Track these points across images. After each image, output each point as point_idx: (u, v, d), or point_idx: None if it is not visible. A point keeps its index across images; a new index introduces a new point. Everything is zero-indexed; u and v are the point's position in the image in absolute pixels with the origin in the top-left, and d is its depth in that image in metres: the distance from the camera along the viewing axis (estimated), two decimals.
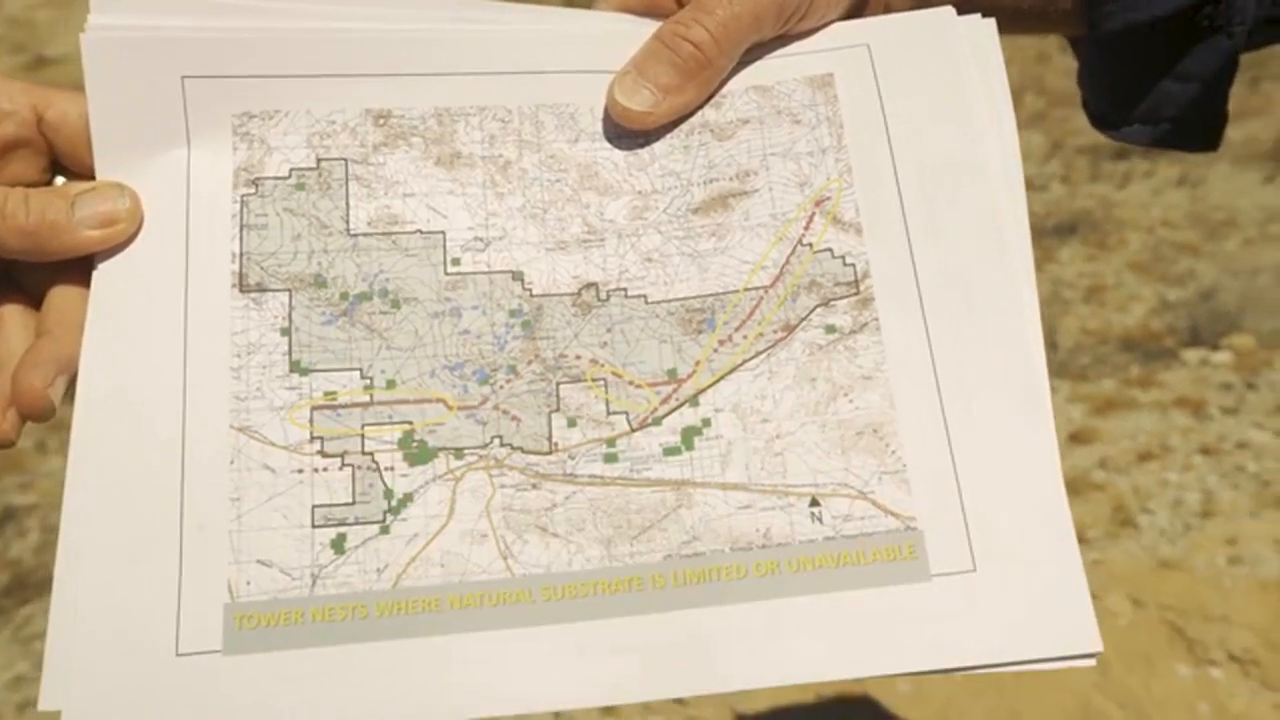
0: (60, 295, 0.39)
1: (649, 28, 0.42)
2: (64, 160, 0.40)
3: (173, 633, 0.35)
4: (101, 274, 0.38)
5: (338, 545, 0.36)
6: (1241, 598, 1.49)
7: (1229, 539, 1.66)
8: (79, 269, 0.39)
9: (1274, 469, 1.83)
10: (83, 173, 0.40)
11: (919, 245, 0.39)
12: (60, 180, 0.40)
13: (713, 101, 0.42)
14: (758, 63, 0.42)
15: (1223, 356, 2.03)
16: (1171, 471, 1.64)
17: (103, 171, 0.39)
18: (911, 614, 0.35)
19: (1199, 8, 0.45)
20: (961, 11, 0.44)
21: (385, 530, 0.36)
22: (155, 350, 0.38)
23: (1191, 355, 1.98)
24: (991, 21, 0.42)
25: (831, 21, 0.43)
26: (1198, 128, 0.49)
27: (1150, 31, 0.46)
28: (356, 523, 0.36)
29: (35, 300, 0.40)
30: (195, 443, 0.37)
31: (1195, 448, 1.68)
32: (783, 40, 0.42)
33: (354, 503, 0.37)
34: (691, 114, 0.41)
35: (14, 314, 0.39)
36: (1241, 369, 1.98)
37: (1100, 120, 0.51)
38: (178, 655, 0.35)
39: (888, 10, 0.46)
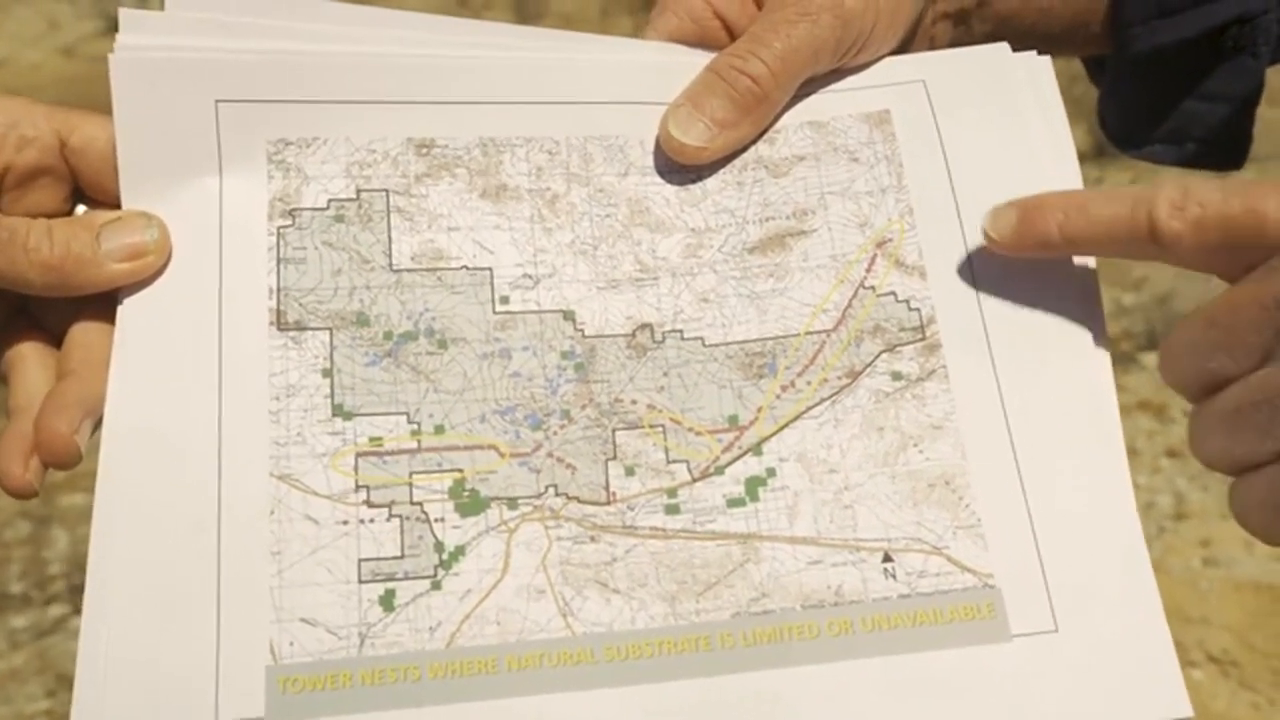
0: (83, 332, 0.36)
1: (700, 58, 0.40)
2: (87, 188, 0.38)
3: (212, 697, 0.33)
4: (128, 310, 0.36)
5: (386, 602, 0.34)
6: (1218, 599, 1.51)
7: (1202, 541, 1.69)
8: (102, 304, 0.36)
9: None
10: (106, 201, 0.38)
11: (985, 290, 0.38)
12: (82, 209, 0.38)
13: (766, 137, 0.40)
14: (812, 97, 0.41)
15: None
16: (1140, 475, 1.66)
17: (129, 200, 0.37)
18: (992, 676, 0.34)
19: (1224, 29, 0.46)
20: (995, 38, 0.43)
21: (437, 586, 0.35)
22: (188, 392, 0.35)
23: (1150, 359, 2.01)
24: (1047, 59, 0.41)
25: (884, 55, 0.42)
26: (1223, 147, 0.50)
27: (1175, 53, 0.46)
28: (406, 578, 0.35)
29: (54, 338, 0.37)
30: (232, 491, 0.35)
31: (1161, 450, 1.70)
32: (837, 74, 0.41)
33: (403, 556, 0.35)
34: (745, 149, 0.40)
35: (33, 353, 0.37)
36: None
37: (1122, 140, 0.51)
38: None
39: (932, 44, 0.45)
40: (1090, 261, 0.38)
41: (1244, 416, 0.32)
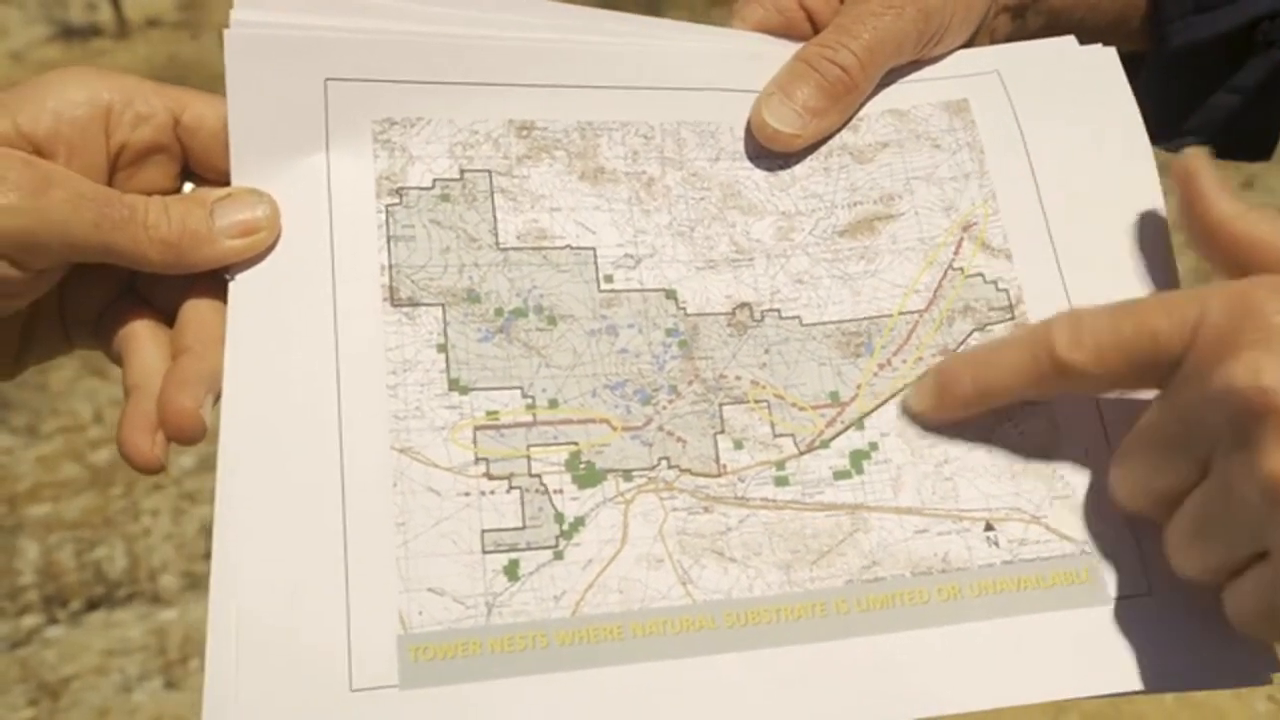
0: (195, 310, 0.36)
1: (786, 48, 0.42)
2: (196, 166, 0.38)
3: (345, 667, 0.33)
4: (240, 286, 0.36)
5: (511, 571, 0.35)
6: None
7: None
8: (212, 281, 0.37)
9: None
10: (215, 179, 0.38)
11: (1069, 271, 0.39)
12: (189, 187, 0.38)
13: (850, 125, 0.42)
14: (892, 87, 0.42)
15: None
16: None
17: (239, 177, 0.37)
18: (1093, 637, 0.35)
19: (1256, 24, 0.48)
20: (1048, 30, 0.45)
21: (559, 555, 0.35)
22: (306, 367, 0.36)
23: None
24: (1112, 50, 0.43)
25: (958, 48, 0.43)
26: (1250, 138, 0.52)
27: (1208, 47, 0.48)
28: (529, 548, 0.35)
29: (164, 316, 0.37)
30: (354, 465, 0.35)
31: None
32: (915, 65, 0.43)
33: (524, 527, 0.35)
34: (830, 137, 0.42)
35: (146, 331, 0.37)
36: None
37: (1154, 132, 0.54)
38: (352, 690, 0.33)
39: (993, 36, 0.47)
40: (1165, 235, 0.40)
41: (1206, 529, 0.32)
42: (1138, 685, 0.35)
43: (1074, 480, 0.37)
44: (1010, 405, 0.37)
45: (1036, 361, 0.35)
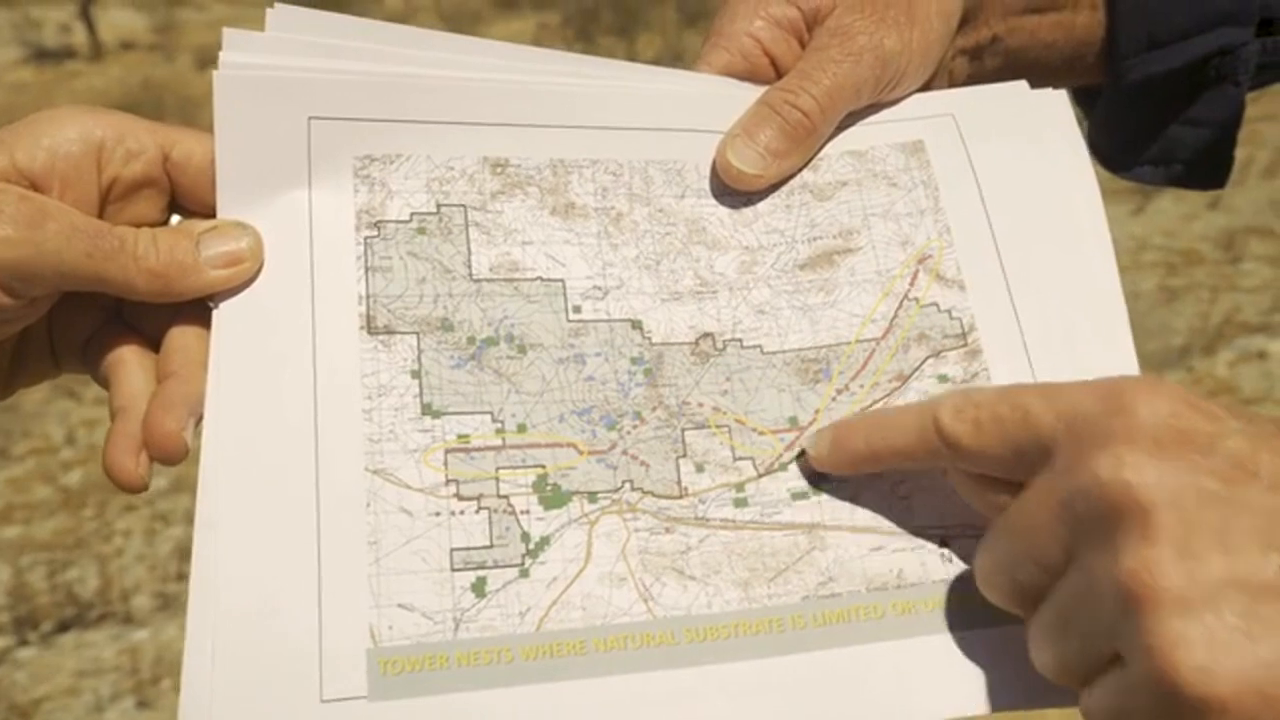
0: (180, 336, 0.38)
1: (750, 91, 0.44)
2: (184, 199, 0.39)
3: (316, 679, 0.35)
4: (223, 314, 0.38)
5: (478, 588, 0.36)
6: None
7: None
8: (196, 309, 0.38)
9: None
10: (201, 211, 0.39)
11: (1020, 300, 0.42)
12: (176, 219, 0.40)
13: (810, 165, 0.44)
14: (851, 129, 0.45)
15: None
16: None
17: (225, 210, 0.39)
18: None
19: (1208, 59, 0.50)
20: (1005, 70, 0.48)
21: (525, 573, 0.37)
22: (285, 391, 0.37)
23: None
24: (1063, 93, 0.45)
25: (915, 91, 0.46)
26: (1207, 169, 0.54)
27: (1163, 82, 0.51)
28: (496, 566, 0.37)
29: (149, 342, 0.39)
30: (330, 485, 0.37)
31: None
32: (873, 108, 0.45)
33: (492, 546, 0.37)
34: (791, 176, 0.44)
35: (133, 356, 0.38)
36: None
37: (1112, 163, 0.56)
38: (322, 701, 0.34)
39: (951, 76, 0.49)
40: (1113, 269, 0.42)
41: (1065, 625, 0.31)
42: None
43: None
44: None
45: (923, 429, 0.35)
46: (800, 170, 0.44)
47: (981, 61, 0.49)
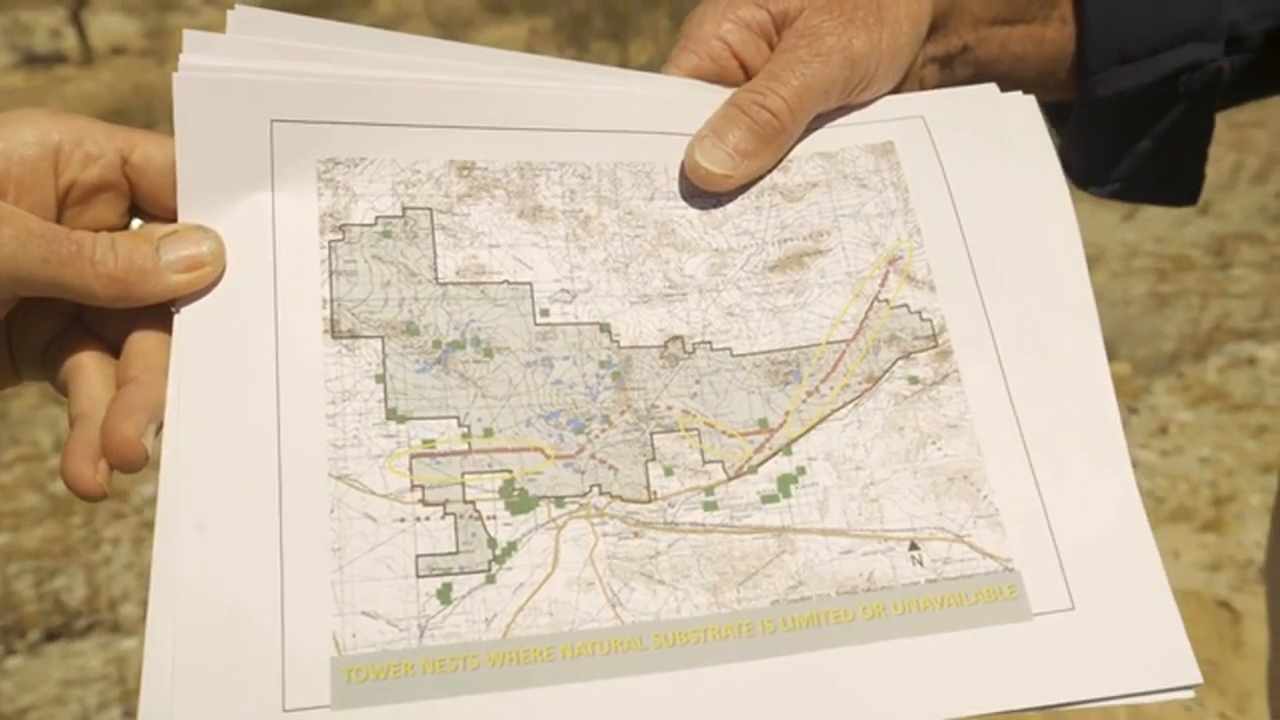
0: (141, 341, 0.38)
1: (719, 94, 0.43)
2: (144, 203, 0.39)
3: (278, 688, 0.34)
4: (185, 319, 0.38)
5: (444, 595, 0.36)
6: None
7: None
8: (157, 313, 0.38)
9: (1165, 486, 1.97)
10: (162, 216, 0.39)
11: (991, 301, 0.41)
12: (137, 223, 0.39)
13: (780, 166, 0.44)
14: (821, 130, 0.44)
15: None
16: None
17: (186, 214, 0.38)
18: (1016, 652, 0.37)
19: (1178, 75, 0.51)
20: (975, 81, 0.48)
21: (491, 579, 0.36)
22: (247, 397, 0.37)
23: None
24: (1032, 98, 0.45)
25: (885, 94, 0.45)
26: (1177, 184, 0.54)
27: (1133, 98, 0.51)
28: (462, 572, 0.36)
29: (110, 347, 0.38)
30: (293, 492, 0.36)
31: None
32: (843, 110, 0.45)
33: (458, 552, 0.37)
34: (761, 177, 0.43)
35: (92, 362, 0.38)
36: (1121, 394, 2.13)
37: (1083, 179, 0.56)
38: (285, 710, 0.34)
39: (921, 85, 0.49)
40: (1083, 269, 0.42)
41: None
42: (1062, 698, 0.36)
43: (997, 499, 0.39)
44: (934, 429, 0.39)
45: None
46: (770, 172, 0.43)
47: (952, 70, 0.49)
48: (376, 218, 0.40)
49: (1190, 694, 0.36)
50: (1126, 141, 0.53)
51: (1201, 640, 1.56)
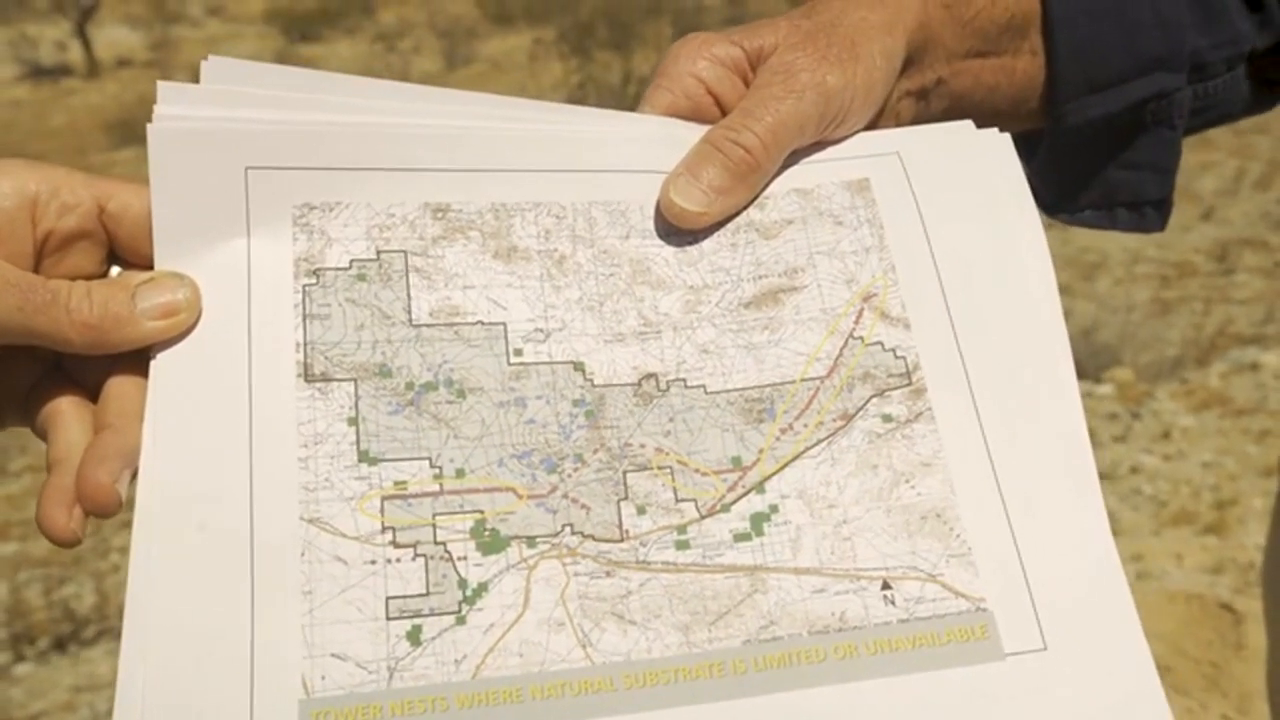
0: (118, 386, 0.38)
1: (694, 131, 0.44)
2: (122, 251, 0.39)
3: None
4: (161, 364, 0.38)
5: (413, 637, 0.36)
6: (1151, 610, 1.58)
7: (1135, 556, 1.78)
8: (135, 359, 0.38)
9: (1167, 490, 1.97)
10: (140, 263, 0.39)
11: (965, 339, 0.41)
12: (115, 271, 0.40)
13: (756, 203, 0.44)
14: (796, 167, 0.45)
15: (1106, 389, 2.18)
16: None
17: (162, 261, 0.38)
18: (989, 693, 0.37)
19: (1145, 104, 0.51)
20: (950, 113, 0.48)
21: (461, 620, 0.37)
22: (220, 440, 0.37)
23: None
24: (1006, 136, 0.45)
25: (860, 130, 0.46)
26: (1145, 209, 0.55)
27: (1102, 126, 0.51)
28: (432, 614, 0.37)
29: (89, 392, 0.39)
30: (264, 535, 0.36)
31: None
32: (818, 146, 0.45)
33: (428, 593, 0.37)
34: (737, 214, 0.43)
35: (70, 408, 0.38)
36: (1125, 399, 2.13)
37: (1053, 207, 0.57)
38: None
39: (898, 118, 0.49)
40: (1056, 308, 0.42)
41: None
42: None
43: (970, 539, 0.39)
44: (908, 467, 0.39)
45: None
46: (746, 208, 0.44)
47: (927, 103, 0.50)
48: (351, 261, 0.40)
49: None
50: (1095, 169, 0.54)
51: (1204, 642, 1.55)
